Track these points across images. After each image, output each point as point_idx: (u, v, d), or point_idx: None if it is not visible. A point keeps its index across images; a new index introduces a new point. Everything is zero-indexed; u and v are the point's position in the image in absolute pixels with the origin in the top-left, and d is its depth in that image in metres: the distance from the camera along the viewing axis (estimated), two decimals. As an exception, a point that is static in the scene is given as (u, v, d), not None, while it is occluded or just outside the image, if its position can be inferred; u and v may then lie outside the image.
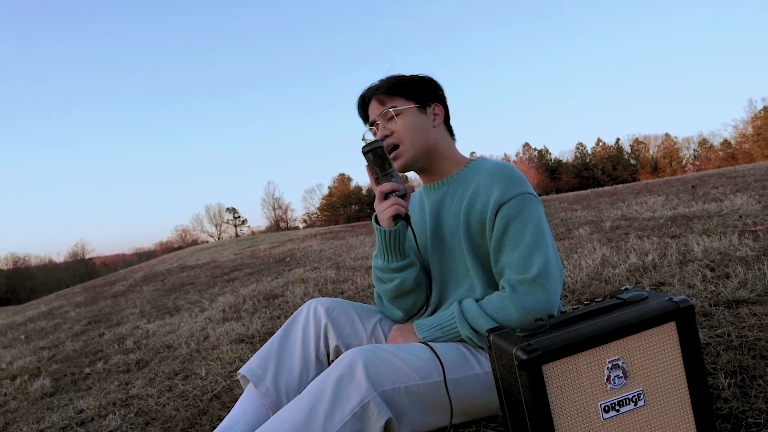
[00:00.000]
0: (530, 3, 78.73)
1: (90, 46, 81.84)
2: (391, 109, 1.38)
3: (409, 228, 1.40)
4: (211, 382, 2.36)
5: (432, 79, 1.45)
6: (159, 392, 2.39)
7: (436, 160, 1.43)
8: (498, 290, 1.32)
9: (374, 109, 1.42)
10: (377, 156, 1.34)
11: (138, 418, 2.10)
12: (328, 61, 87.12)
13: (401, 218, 1.35)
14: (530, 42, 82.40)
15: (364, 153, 1.34)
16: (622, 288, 1.16)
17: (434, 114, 1.43)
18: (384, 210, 1.33)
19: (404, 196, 1.35)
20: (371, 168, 1.35)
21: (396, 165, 1.39)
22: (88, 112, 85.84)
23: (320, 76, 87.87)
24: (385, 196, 1.34)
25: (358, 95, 1.47)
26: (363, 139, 1.47)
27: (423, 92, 1.42)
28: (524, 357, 0.95)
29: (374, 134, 1.45)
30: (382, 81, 1.43)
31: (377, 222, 1.38)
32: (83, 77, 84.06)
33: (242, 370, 1.44)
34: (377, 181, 1.35)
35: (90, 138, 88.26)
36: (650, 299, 1.07)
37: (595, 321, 1.02)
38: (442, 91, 1.47)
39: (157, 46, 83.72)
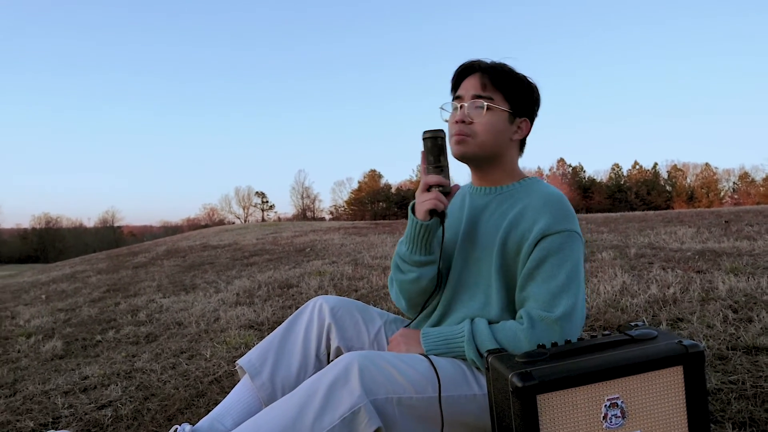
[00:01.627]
0: (583, 24, 77.72)
1: (153, 17, 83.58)
2: (486, 102, 1.31)
3: (442, 227, 1.34)
4: (214, 365, 2.38)
5: (538, 92, 1.39)
6: (162, 368, 2.42)
7: (493, 167, 1.38)
8: (514, 315, 1.29)
9: (471, 86, 1.34)
10: (435, 145, 1.29)
11: (138, 392, 2.12)
12: (371, 59, 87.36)
13: (437, 214, 1.30)
14: (573, 59, 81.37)
15: (424, 138, 1.29)
16: (632, 323, 1.12)
17: (518, 127, 1.37)
18: (423, 201, 1.28)
19: (448, 193, 1.30)
20: (425, 155, 1.30)
21: (455, 150, 1.34)
22: (137, 83, 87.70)
23: (362, 71, 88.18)
24: (429, 188, 1.29)
25: (467, 62, 1.37)
26: (441, 108, 1.41)
27: (523, 102, 1.35)
28: (519, 385, 0.93)
29: (455, 109, 1.37)
30: (497, 65, 1.35)
31: (413, 211, 1.33)
32: (136, 47, 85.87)
33: (241, 361, 1.43)
34: (426, 170, 1.31)
35: (132, 108, 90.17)
36: (659, 339, 1.03)
37: (599, 356, 0.99)
38: (538, 107, 1.41)
39: (208, 24, 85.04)
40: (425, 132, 1.29)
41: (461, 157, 1.35)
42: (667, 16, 73.08)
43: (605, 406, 0.97)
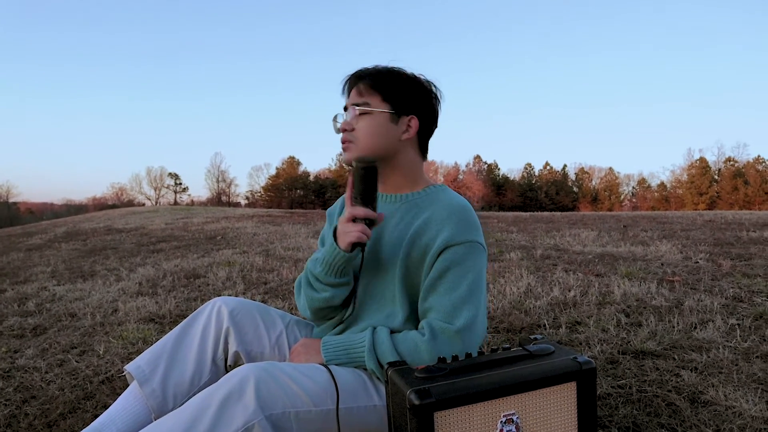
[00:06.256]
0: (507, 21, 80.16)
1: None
2: (360, 107, 1.29)
3: (361, 255, 1.29)
4: (107, 362, 2.23)
5: (427, 86, 1.35)
6: (48, 366, 2.24)
7: (390, 171, 1.35)
8: (417, 325, 1.27)
9: (353, 95, 1.32)
10: (368, 177, 1.22)
11: (16, 394, 1.95)
12: (296, 45, 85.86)
13: (359, 246, 1.26)
14: (492, 58, 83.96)
15: (358, 168, 1.22)
16: (532, 337, 1.14)
17: (407, 126, 1.32)
18: (348, 232, 1.22)
19: (373, 223, 1.25)
20: (355, 184, 1.23)
21: (343, 158, 1.32)
22: (46, 54, 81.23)
23: (285, 58, 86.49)
24: (355, 219, 1.23)
25: (349, 73, 1.36)
26: (334, 120, 1.37)
27: (406, 99, 1.31)
28: (416, 402, 0.91)
29: (345, 119, 1.35)
30: (373, 69, 1.32)
31: (335, 238, 1.27)
32: (50, 21, 79.45)
33: (128, 367, 1.33)
34: (354, 199, 1.24)
35: (36, 78, 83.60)
36: (556, 355, 1.05)
37: (497, 372, 0.99)
38: (434, 102, 1.36)
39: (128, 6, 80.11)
40: (360, 161, 1.22)
41: (347, 163, 1.33)
42: (581, 21, 76.93)
43: (501, 422, 0.97)
